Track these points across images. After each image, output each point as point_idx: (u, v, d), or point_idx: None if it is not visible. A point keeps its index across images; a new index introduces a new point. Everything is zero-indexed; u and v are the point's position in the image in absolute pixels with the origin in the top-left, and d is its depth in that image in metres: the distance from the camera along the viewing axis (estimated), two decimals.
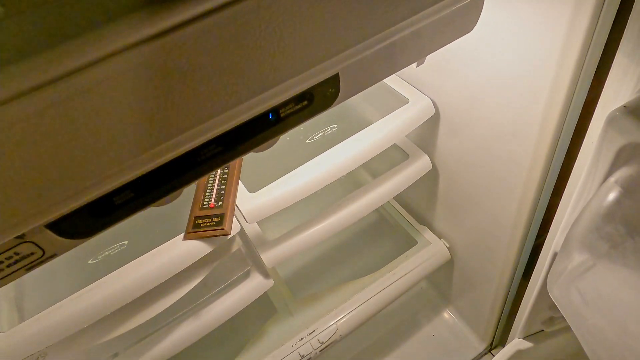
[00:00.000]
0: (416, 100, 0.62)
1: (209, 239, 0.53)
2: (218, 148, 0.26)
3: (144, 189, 0.25)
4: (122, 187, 0.24)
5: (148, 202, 0.25)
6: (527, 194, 0.56)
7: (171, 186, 0.26)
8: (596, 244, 0.32)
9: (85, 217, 0.24)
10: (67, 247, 0.24)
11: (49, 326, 0.48)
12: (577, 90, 0.43)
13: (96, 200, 0.23)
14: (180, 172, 0.25)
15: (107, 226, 0.25)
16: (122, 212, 0.25)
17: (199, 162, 0.26)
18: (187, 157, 0.25)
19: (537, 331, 0.60)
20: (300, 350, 0.75)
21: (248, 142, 0.27)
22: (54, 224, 0.23)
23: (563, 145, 0.47)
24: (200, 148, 0.25)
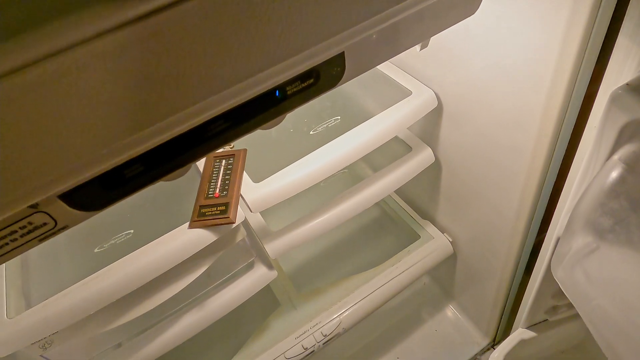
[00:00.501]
0: (419, 92, 0.63)
1: (214, 228, 0.53)
2: (226, 124, 0.26)
3: (154, 162, 0.25)
4: (133, 160, 0.24)
5: (157, 176, 0.26)
6: (530, 182, 0.56)
7: (180, 161, 0.26)
8: (600, 221, 0.32)
9: (96, 189, 0.24)
10: (79, 219, 0.25)
11: (55, 313, 0.48)
12: (579, 75, 0.43)
13: (107, 172, 0.24)
14: (189, 147, 0.26)
15: (118, 199, 0.25)
16: (133, 185, 0.25)
17: (207, 138, 0.26)
18: (196, 132, 0.25)
19: (541, 321, 0.60)
20: (303, 343, 0.75)
21: (255, 118, 0.27)
22: (66, 195, 0.23)
23: (566, 131, 0.48)
24: (208, 123, 0.26)
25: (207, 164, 0.60)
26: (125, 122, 0.22)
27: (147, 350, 0.61)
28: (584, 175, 0.38)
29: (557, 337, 0.62)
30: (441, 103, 0.64)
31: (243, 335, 0.80)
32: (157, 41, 0.20)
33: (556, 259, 0.38)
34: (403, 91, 0.64)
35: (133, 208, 0.59)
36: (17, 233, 0.23)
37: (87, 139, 0.21)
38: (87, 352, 0.58)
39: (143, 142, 0.23)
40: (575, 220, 0.35)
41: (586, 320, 0.35)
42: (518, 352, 0.59)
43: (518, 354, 0.60)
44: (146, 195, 0.61)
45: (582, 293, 0.34)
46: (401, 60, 0.68)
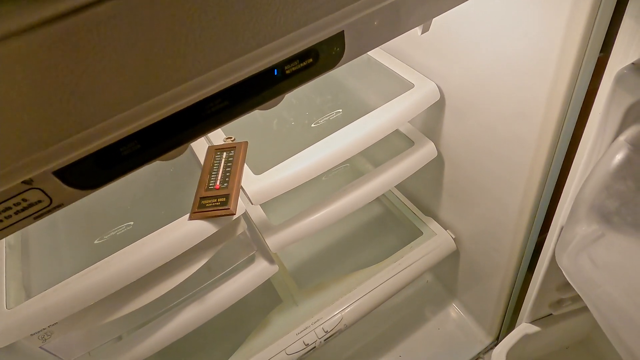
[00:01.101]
0: (421, 85, 0.62)
1: (214, 220, 0.53)
2: (224, 102, 0.26)
3: (151, 140, 0.25)
4: (129, 137, 0.24)
5: (154, 154, 0.25)
6: (534, 175, 0.56)
7: (177, 139, 0.26)
8: (606, 204, 0.32)
9: (92, 166, 0.24)
10: (74, 197, 0.24)
11: (54, 303, 0.48)
12: (584, 61, 0.43)
13: (103, 149, 0.23)
14: (186, 125, 0.25)
15: (114, 177, 0.25)
16: (128, 164, 0.25)
17: (205, 116, 0.26)
18: (193, 110, 0.25)
19: (545, 315, 0.59)
20: (304, 339, 0.75)
21: (253, 98, 0.27)
22: (61, 171, 0.23)
23: (570, 120, 0.47)
24: (206, 101, 0.25)
25: (207, 156, 0.59)
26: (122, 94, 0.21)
27: (147, 343, 0.61)
28: (589, 159, 0.37)
29: (561, 332, 0.61)
30: (443, 96, 0.64)
31: (244, 331, 0.80)
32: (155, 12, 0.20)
33: (560, 246, 0.38)
34: (405, 84, 0.63)
35: (133, 200, 0.59)
36: (12, 210, 0.23)
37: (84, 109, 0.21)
38: (86, 345, 0.58)
39: (139, 118, 0.23)
40: (580, 205, 0.34)
41: (592, 308, 0.34)
42: (521, 348, 0.59)
43: (521, 350, 0.59)
44: (146, 187, 0.61)
45: (587, 280, 0.34)
46: (403, 53, 0.68)
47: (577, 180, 0.39)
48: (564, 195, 0.45)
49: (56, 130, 0.21)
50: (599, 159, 0.34)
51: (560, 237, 0.38)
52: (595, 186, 0.32)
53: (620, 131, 0.32)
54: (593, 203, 0.33)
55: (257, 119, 0.67)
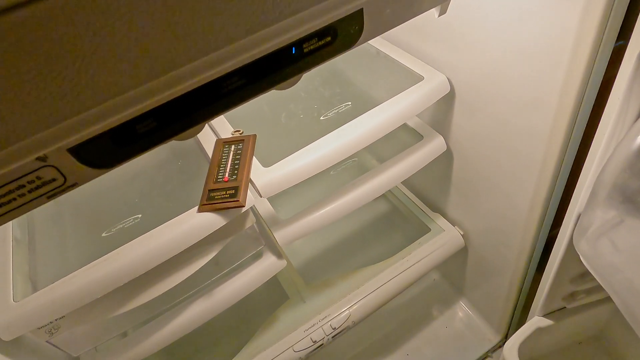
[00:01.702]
0: (431, 77, 0.62)
1: (223, 212, 0.52)
2: (241, 81, 0.25)
3: (167, 118, 0.24)
4: (145, 114, 0.23)
5: (170, 133, 0.25)
6: (546, 168, 0.55)
7: (193, 118, 0.25)
8: (629, 184, 0.31)
9: (107, 144, 0.23)
10: (89, 176, 0.24)
11: (61, 296, 0.47)
12: (600, 50, 0.42)
13: (119, 127, 0.23)
14: (203, 103, 0.25)
15: (129, 156, 0.25)
16: (144, 142, 0.24)
17: (222, 95, 0.25)
18: (210, 88, 0.24)
19: (558, 308, 0.58)
20: (312, 336, 0.74)
21: (271, 76, 0.26)
22: (76, 149, 0.23)
23: (586, 108, 0.46)
24: (224, 79, 0.25)
25: (216, 149, 0.59)
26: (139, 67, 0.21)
27: (154, 339, 0.60)
28: (609, 142, 0.37)
29: (574, 326, 0.60)
30: (453, 89, 0.63)
31: (251, 328, 0.79)
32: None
33: (579, 231, 0.37)
34: (415, 76, 0.63)
35: (141, 194, 0.58)
36: (25, 188, 0.22)
37: (100, 82, 0.20)
38: (93, 340, 0.57)
39: (156, 94, 0.23)
40: (600, 187, 0.33)
41: (611, 293, 0.33)
42: (533, 342, 0.58)
43: (533, 344, 0.58)
44: (154, 181, 0.61)
45: (607, 264, 0.33)
46: (412, 46, 0.67)
47: (595, 164, 0.39)
48: (579, 183, 0.44)
49: (72, 104, 0.20)
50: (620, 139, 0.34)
51: (579, 222, 0.37)
52: (618, 166, 0.32)
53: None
54: (615, 183, 0.32)
55: (265, 112, 0.66)
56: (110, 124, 0.23)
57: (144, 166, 0.61)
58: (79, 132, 0.22)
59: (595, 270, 0.36)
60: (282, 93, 0.72)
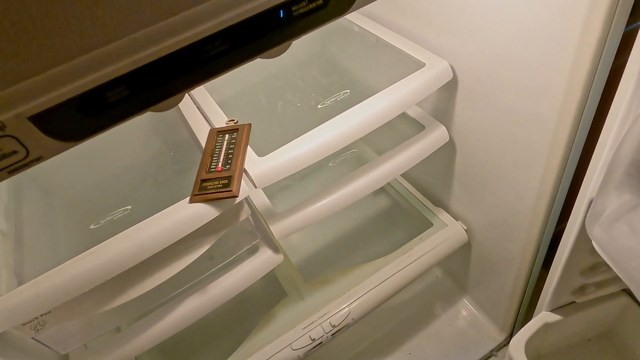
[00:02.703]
0: (433, 63, 0.59)
1: (216, 203, 0.50)
2: (224, 45, 0.23)
3: (141, 86, 0.22)
4: (116, 80, 0.21)
5: (145, 103, 0.23)
6: (553, 157, 0.53)
7: (171, 87, 0.23)
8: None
9: (73, 113, 0.21)
10: (54, 149, 0.22)
11: (46, 290, 0.45)
12: (610, 30, 0.40)
13: (86, 93, 0.21)
14: (181, 70, 0.23)
15: (99, 129, 0.22)
16: (116, 113, 0.22)
17: (203, 61, 0.23)
18: (190, 52, 0.22)
19: (567, 303, 0.56)
20: (311, 334, 0.72)
21: (257, 42, 0.24)
22: (39, 117, 0.20)
23: (595, 93, 0.44)
24: (204, 43, 0.22)
25: (209, 139, 0.57)
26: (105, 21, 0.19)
27: (146, 335, 0.58)
28: (624, 122, 0.34)
29: (583, 322, 0.58)
30: (456, 76, 0.61)
31: (248, 326, 0.77)
32: None
33: (592, 216, 0.35)
34: (416, 63, 0.60)
35: (132, 185, 0.56)
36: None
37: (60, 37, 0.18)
38: (83, 336, 0.55)
39: (127, 55, 0.20)
40: (616, 168, 0.31)
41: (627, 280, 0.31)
42: (541, 338, 0.55)
43: (541, 340, 0.56)
44: (145, 171, 0.59)
45: (623, 250, 0.31)
46: (414, 34, 0.65)
47: (609, 146, 0.36)
48: (590, 168, 0.41)
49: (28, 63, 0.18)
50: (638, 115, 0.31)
51: (591, 207, 0.35)
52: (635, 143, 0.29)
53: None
54: (633, 159, 0.30)
55: (261, 101, 0.64)
56: (75, 89, 0.20)
57: (135, 156, 0.59)
58: (40, 97, 0.19)
59: (610, 256, 0.33)
60: (278, 82, 0.70)
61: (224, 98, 0.67)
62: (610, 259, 0.33)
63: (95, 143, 0.64)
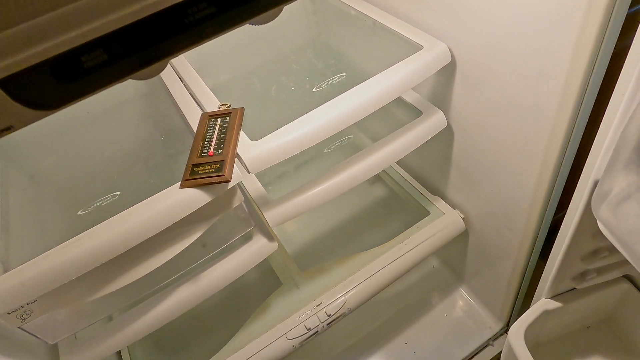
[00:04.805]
0: (431, 46, 0.58)
1: (208, 188, 0.48)
2: (210, 9, 0.21)
3: (120, 50, 0.20)
4: (93, 43, 0.19)
5: (125, 69, 0.21)
6: (554, 141, 0.51)
7: (153, 52, 0.21)
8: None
9: (47, 78, 0.19)
10: (26, 118, 0.20)
11: (32, 278, 0.44)
12: (615, 9, 0.38)
13: (60, 57, 0.19)
14: (164, 34, 0.21)
15: (75, 97, 0.21)
16: (93, 79, 0.21)
17: (188, 25, 0.21)
18: (173, 14, 0.21)
19: (567, 290, 0.55)
20: (306, 323, 0.71)
21: (245, 5, 0.22)
22: (9, 81, 0.19)
23: (597, 76, 0.43)
24: (189, 5, 0.21)
25: (200, 123, 0.55)
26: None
27: (138, 324, 0.57)
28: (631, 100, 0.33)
29: (583, 309, 0.57)
30: (455, 60, 0.59)
31: (243, 316, 0.76)
32: None
33: (598, 197, 0.33)
34: (414, 46, 0.59)
35: (121, 170, 0.55)
36: None
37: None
38: (72, 326, 0.54)
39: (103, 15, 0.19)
40: (624, 145, 0.30)
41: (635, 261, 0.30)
42: (540, 325, 0.54)
43: (540, 328, 0.55)
44: (135, 156, 0.57)
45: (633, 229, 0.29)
46: (412, 17, 0.63)
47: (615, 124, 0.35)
48: (594, 149, 0.40)
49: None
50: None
51: (598, 187, 0.34)
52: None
53: None
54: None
55: (255, 85, 0.62)
56: (47, 51, 0.19)
57: (125, 141, 0.58)
58: (7, 58, 0.18)
59: (618, 237, 0.32)
60: (273, 66, 0.68)
61: (216, 82, 0.65)
62: (618, 240, 0.32)
63: (84, 127, 0.63)
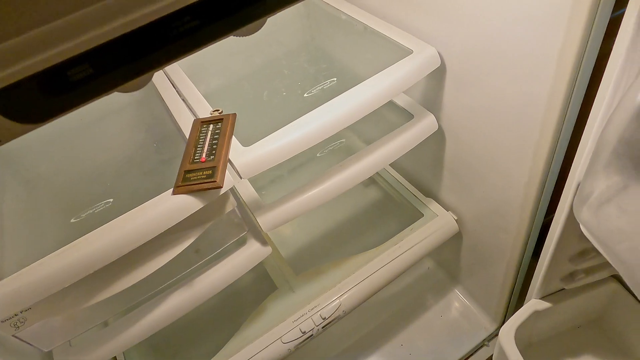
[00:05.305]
0: (420, 50, 0.58)
1: (200, 194, 0.49)
2: (194, 22, 0.22)
3: (106, 64, 0.21)
4: (79, 58, 0.20)
5: (111, 83, 0.21)
6: (543, 141, 0.52)
7: (139, 65, 0.22)
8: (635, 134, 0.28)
9: (33, 93, 0.20)
10: (12, 132, 0.20)
11: (25, 285, 0.44)
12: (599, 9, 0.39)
13: (46, 71, 0.19)
14: (149, 47, 0.21)
15: (61, 110, 0.21)
16: (79, 93, 0.21)
17: (172, 38, 0.22)
18: (157, 28, 0.21)
19: (557, 290, 0.56)
20: (301, 327, 0.71)
21: (230, 18, 0.23)
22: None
23: (583, 78, 0.44)
24: (173, 18, 0.21)
25: (193, 129, 0.55)
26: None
27: (133, 330, 0.57)
28: (611, 101, 0.34)
29: (573, 309, 0.57)
30: (444, 63, 0.60)
31: (239, 321, 0.76)
32: None
33: (579, 199, 0.34)
34: (404, 50, 0.59)
35: (115, 176, 0.55)
36: None
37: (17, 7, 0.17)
38: (67, 333, 0.54)
39: (89, 29, 0.19)
40: (603, 147, 0.30)
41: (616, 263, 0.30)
42: (530, 326, 0.55)
43: (530, 328, 0.55)
44: (129, 163, 0.57)
45: (613, 231, 0.30)
46: (402, 21, 0.64)
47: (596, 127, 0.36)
48: (579, 152, 0.41)
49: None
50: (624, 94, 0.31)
51: (579, 190, 0.34)
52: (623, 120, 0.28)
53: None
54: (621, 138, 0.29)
55: (247, 90, 0.63)
56: (34, 66, 0.19)
57: (118, 148, 0.58)
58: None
59: (599, 240, 0.33)
60: (265, 71, 0.69)
61: (209, 88, 0.65)
62: (599, 242, 0.33)
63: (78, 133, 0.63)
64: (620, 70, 0.32)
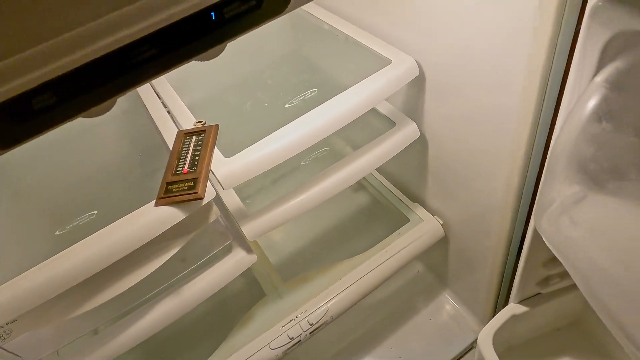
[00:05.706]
0: (399, 60, 0.60)
1: (183, 205, 0.50)
2: (153, 50, 0.23)
3: (69, 92, 0.22)
4: (42, 87, 0.21)
5: (74, 109, 0.22)
6: (518, 149, 0.53)
7: (101, 92, 0.23)
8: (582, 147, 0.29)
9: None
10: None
11: (10, 299, 0.45)
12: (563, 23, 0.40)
13: (10, 100, 0.20)
14: (110, 75, 0.23)
15: (26, 137, 0.22)
16: (44, 120, 0.22)
17: (132, 66, 0.23)
18: (118, 57, 0.22)
19: (533, 294, 0.57)
20: (289, 333, 0.72)
21: (189, 45, 0.24)
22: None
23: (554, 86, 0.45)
24: (131, 48, 0.22)
25: (176, 141, 0.56)
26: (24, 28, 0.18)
27: (121, 339, 0.58)
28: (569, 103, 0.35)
29: (551, 312, 0.58)
30: (423, 73, 0.61)
31: (227, 328, 0.77)
32: None
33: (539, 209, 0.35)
34: (383, 60, 0.61)
35: (98, 189, 0.56)
36: None
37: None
38: (53, 343, 0.55)
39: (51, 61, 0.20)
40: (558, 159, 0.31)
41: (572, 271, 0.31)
42: (509, 330, 0.56)
43: (510, 332, 0.56)
44: (112, 175, 0.58)
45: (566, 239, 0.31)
46: (383, 32, 0.65)
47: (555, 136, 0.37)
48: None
49: None
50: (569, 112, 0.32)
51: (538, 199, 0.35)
52: (571, 134, 0.29)
53: (597, 72, 0.30)
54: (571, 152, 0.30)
55: (231, 102, 0.64)
56: None
57: (102, 159, 0.59)
58: None
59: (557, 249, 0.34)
60: (249, 81, 0.70)
61: (194, 99, 0.66)
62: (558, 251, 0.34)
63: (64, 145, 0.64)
64: (573, 82, 0.33)
